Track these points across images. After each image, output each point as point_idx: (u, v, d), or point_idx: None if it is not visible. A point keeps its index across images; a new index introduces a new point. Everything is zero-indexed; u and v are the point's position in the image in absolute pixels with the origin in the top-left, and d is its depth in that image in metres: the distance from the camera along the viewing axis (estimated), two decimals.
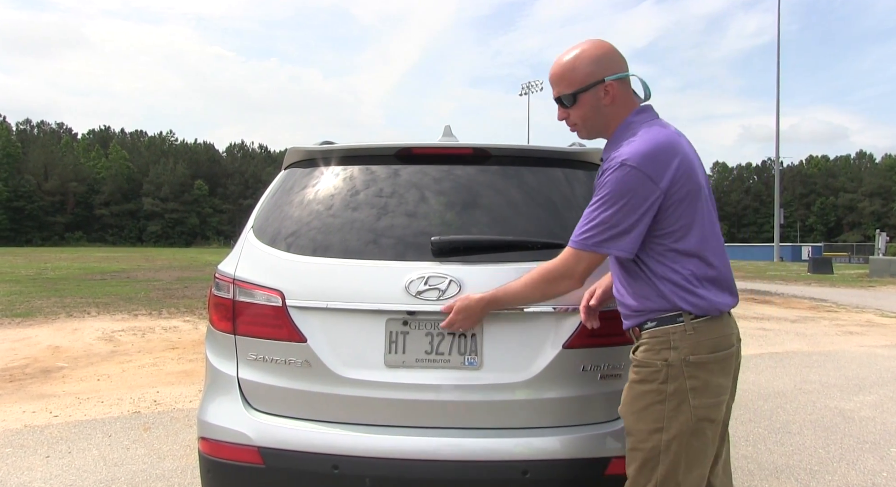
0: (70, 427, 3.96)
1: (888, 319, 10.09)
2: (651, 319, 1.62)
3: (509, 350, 1.83)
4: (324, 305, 1.85)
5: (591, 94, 1.66)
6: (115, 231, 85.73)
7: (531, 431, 1.81)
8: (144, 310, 9.52)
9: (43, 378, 5.37)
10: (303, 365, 1.84)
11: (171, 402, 4.59)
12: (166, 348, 6.72)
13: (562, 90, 1.69)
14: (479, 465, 1.76)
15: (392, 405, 1.81)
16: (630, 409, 1.63)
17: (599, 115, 1.69)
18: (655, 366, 1.59)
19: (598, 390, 1.84)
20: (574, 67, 1.67)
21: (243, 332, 1.92)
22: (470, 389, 1.81)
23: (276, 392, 1.88)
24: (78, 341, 6.99)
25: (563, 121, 1.75)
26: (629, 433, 1.64)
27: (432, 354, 1.84)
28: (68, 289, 12.73)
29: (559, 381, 1.82)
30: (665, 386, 1.57)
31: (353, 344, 1.85)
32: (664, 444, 1.56)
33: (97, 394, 4.80)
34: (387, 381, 1.81)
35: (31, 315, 8.83)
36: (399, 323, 1.85)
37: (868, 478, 3.22)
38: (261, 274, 1.93)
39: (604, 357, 1.84)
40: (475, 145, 2.08)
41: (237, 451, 1.83)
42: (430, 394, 1.82)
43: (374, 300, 1.84)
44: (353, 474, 1.76)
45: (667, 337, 1.59)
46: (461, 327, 1.78)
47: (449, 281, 1.82)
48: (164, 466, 3.27)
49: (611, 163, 1.59)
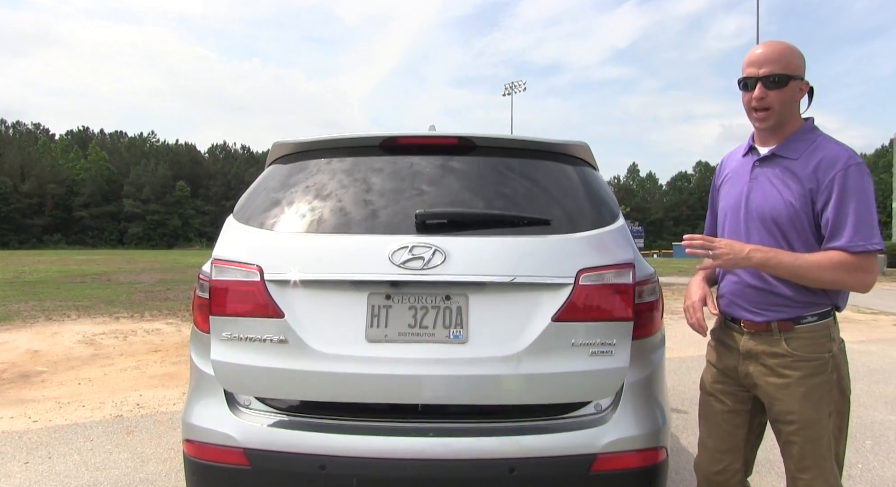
0: (50, 432, 3.90)
1: (864, 315, 10.30)
2: (813, 314, 1.77)
3: (496, 323, 1.81)
4: (303, 277, 1.81)
5: (794, 84, 1.78)
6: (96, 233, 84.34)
7: (518, 429, 1.81)
8: (126, 313, 9.40)
9: (22, 382, 5.28)
10: (279, 342, 1.80)
11: (155, 405, 4.53)
12: (149, 351, 6.64)
13: (776, 70, 1.76)
14: (465, 464, 1.76)
15: (374, 381, 1.77)
16: (805, 403, 1.75)
17: (789, 107, 1.80)
18: (822, 359, 1.76)
19: (588, 367, 1.80)
20: (794, 54, 1.79)
21: (218, 312, 1.88)
22: (455, 363, 1.77)
23: (251, 372, 1.83)
24: (58, 345, 6.88)
25: (758, 100, 1.78)
26: (806, 425, 1.75)
27: (416, 328, 1.81)
28: (47, 292, 12.50)
29: (548, 356, 1.79)
30: (832, 375, 1.76)
31: (333, 319, 1.81)
32: (836, 427, 1.77)
33: (78, 398, 4.73)
34: (368, 356, 1.77)
35: (9, 319, 8.67)
36: (381, 297, 1.82)
37: (845, 470, 3.26)
38: (240, 252, 1.91)
39: (595, 332, 1.81)
40: (460, 135, 2.09)
41: (223, 453, 1.82)
42: (413, 369, 1.77)
43: (356, 270, 1.80)
44: (341, 474, 1.75)
45: (827, 331, 1.78)
46: (725, 256, 1.74)
47: (434, 251, 1.80)
48: (147, 469, 3.23)
49: (843, 163, 1.69)
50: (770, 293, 1.79)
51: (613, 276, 1.85)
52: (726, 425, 1.97)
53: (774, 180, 1.80)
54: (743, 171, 1.91)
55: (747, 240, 1.82)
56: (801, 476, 1.79)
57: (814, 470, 1.76)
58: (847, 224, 1.68)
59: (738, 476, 1.98)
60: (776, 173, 1.80)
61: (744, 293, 1.85)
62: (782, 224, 1.77)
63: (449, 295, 1.84)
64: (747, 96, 1.82)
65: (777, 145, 1.82)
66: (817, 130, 1.82)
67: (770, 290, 1.79)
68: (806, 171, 1.74)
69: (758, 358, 1.83)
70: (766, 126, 1.81)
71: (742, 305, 1.86)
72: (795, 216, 1.75)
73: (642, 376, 1.92)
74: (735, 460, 1.97)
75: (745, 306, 1.85)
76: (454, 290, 1.84)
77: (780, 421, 1.81)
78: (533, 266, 1.82)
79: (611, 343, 1.82)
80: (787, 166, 1.79)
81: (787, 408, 1.77)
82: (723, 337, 1.97)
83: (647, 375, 1.94)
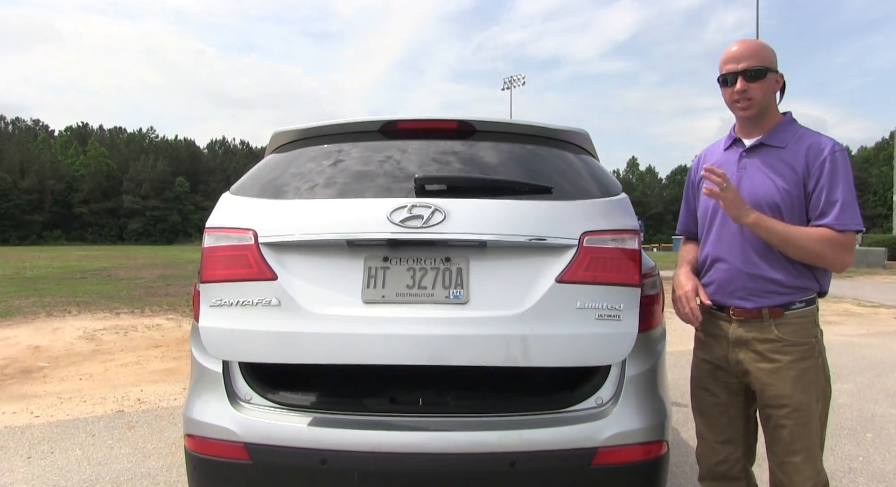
0: (52, 427, 3.91)
1: (865, 308, 10.31)
2: (801, 300, 1.84)
3: (498, 284, 1.77)
4: (298, 238, 1.77)
5: (772, 77, 1.89)
6: (95, 229, 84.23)
7: (518, 422, 1.81)
8: (126, 309, 9.40)
9: (23, 378, 5.29)
10: (272, 304, 1.75)
11: (156, 400, 4.54)
12: (149, 346, 6.65)
13: (752, 63, 1.87)
14: (466, 457, 1.76)
15: (370, 341, 1.71)
16: (796, 386, 1.80)
17: (769, 97, 1.91)
18: (810, 344, 1.84)
19: (594, 330, 1.75)
20: (767, 49, 1.91)
21: (209, 278, 1.83)
22: (455, 323, 1.72)
23: (242, 336, 1.77)
24: (59, 340, 6.89)
25: (740, 93, 1.88)
26: (798, 409, 1.80)
27: (414, 288, 1.76)
28: (48, 288, 12.51)
29: (553, 318, 1.73)
30: (818, 360, 1.84)
31: (328, 281, 1.77)
32: (822, 412, 1.84)
33: (79, 394, 4.74)
34: (364, 316, 1.72)
35: (10, 314, 8.67)
36: (378, 259, 1.78)
37: (845, 463, 3.30)
38: (233, 219, 1.88)
39: (601, 296, 1.76)
40: (460, 119, 2.09)
41: (224, 447, 1.82)
42: (411, 328, 1.71)
43: (353, 230, 1.76)
44: (342, 468, 1.75)
45: (813, 317, 1.86)
46: (731, 198, 1.79)
47: (433, 210, 1.76)
48: (149, 464, 3.24)
49: (830, 149, 1.81)
50: (762, 279, 1.84)
51: (618, 241, 1.81)
52: (723, 417, 2.00)
53: (765, 168, 1.88)
54: (729, 163, 1.98)
55: (737, 227, 1.89)
56: (791, 460, 1.82)
57: (803, 454, 1.80)
58: (836, 204, 1.78)
59: (741, 463, 2.02)
60: (766, 162, 1.89)
61: (735, 280, 1.89)
62: (777, 208, 1.84)
63: (449, 257, 1.80)
64: (728, 91, 1.92)
65: (764, 135, 1.91)
66: (797, 122, 1.94)
67: (762, 276, 1.84)
68: (796, 158, 1.84)
69: (748, 344, 1.87)
70: (750, 114, 1.90)
71: (732, 292, 1.90)
72: (790, 201, 1.83)
73: (643, 369, 1.92)
74: (735, 449, 2.00)
75: (735, 293, 1.89)
76: (454, 253, 1.80)
77: (770, 406, 1.84)
78: (535, 227, 1.78)
79: (617, 307, 1.76)
80: (777, 155, 1.88)
81: (778, 392, 1.81)
82: (710, 328, 2.00)
83: (648, 368, 1.94)
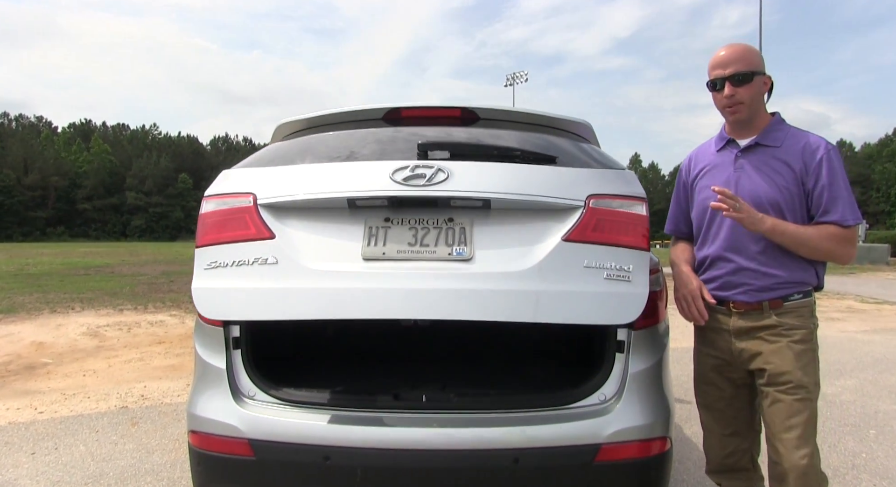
0: (56, 423, 3.92)
1: (868, 305, 10.28)
2: (798, 292, 1.89)
3: (503, 243, 1.73)
4: (299, 198, 1.74)
5: (759, 80, 1.93)
6: (98, 226, 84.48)
7: (522, 419, 1.81)
8: (130, 305, 9.42)
9: (27, 374, 5.30)
10: (269, 262, 1.71)
11: (159, 397, 4.55)
12: (153, 342, 6.67)
13: (740, 68, 1.91)
14: (469, 454, 1.76)
15: (370, 295, 1.66)
16: (797, 364, 1.85)
17: (757, 100, 1.95)
18: (808, 329, 1.90)
19: (603, 288, 1.70)
20: (753, 53, 1.94)
21: (204, 243, 1.79)
22: (459, 278, 1.67)
23: (237, 294, 1.71)
24: (62, 337, 6.91)
25: (728, 97, 1.92)
26: (800, 385, 1.84)
27: (416, 246, 1.72)
28: (51, 285, 12.54)
29: (560, 274, 1.68)
30: (814, 346, 1.91)
31: (328, 241, 1.74)
32: (816, 394, 1.89)
33: (83, 390, 4.75)
34: (364, 272, 1.68)
35: (14, 311, 8.70)
36: (380, 219, 1.74)
37: (848, 459, 3.30)
38: (232, 186, 1.86)
39: (609, 256, 1.72)
40: (463, 106, 2.10)
41: (228, 444, 1.83)
42: (412, 283, 1.66)
43: (355, 188, 1.73)
44: (345, 465, 1.75)
45: (810, 307, 1.92)
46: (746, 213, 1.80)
47: (436, 170, 1.74)
48: (153, 460, 3.25)
49: (825, 148, 1.87)
50: (765, 275, 1.89)
51: (625, 206, 1.80)
52: (729, 410, 2.05)
53: (763, 167, 1.92)
54: (723, 163, 2.01)
55: (736, 226, 1.93)
56: (787, 436, 1.83)
57: (800, 429, 1.82)
58: (839, 201, 1.85)
59: (748, 455, 2.07)
60: (763, 161, 1.93)
61: (740, 277, 1.93)
62: (778, 206, 1.89)
63: (452, 217, 1.76)
64: (718, 96, 1.96)
65: (757, 135, 1.96)
66: (785, 122, 1.99)
67: (765, 272, 1.89)
68: (792, 156, 1.89)
69: (749, 332, 1.92)
70: (740, 118, 1.95)
71: (736, 288, 1.94)
72: (791, 198, 1.88)
73: (646, 366, 1.92)
74: (743, 441, 2.05)
75: (739, 289, 1.93)
76: (458, 214, 1.77)
77: (771, 384, 1.87)
78: (540, 188, 1.77)
79: (626, 269, 1.72)
80: (773, 154, 1.92)
81: (780, 370, 1.86)
82: (710, 323, 2.04)
83: (652, 365, 1.94)
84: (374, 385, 2.10)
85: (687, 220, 2.16)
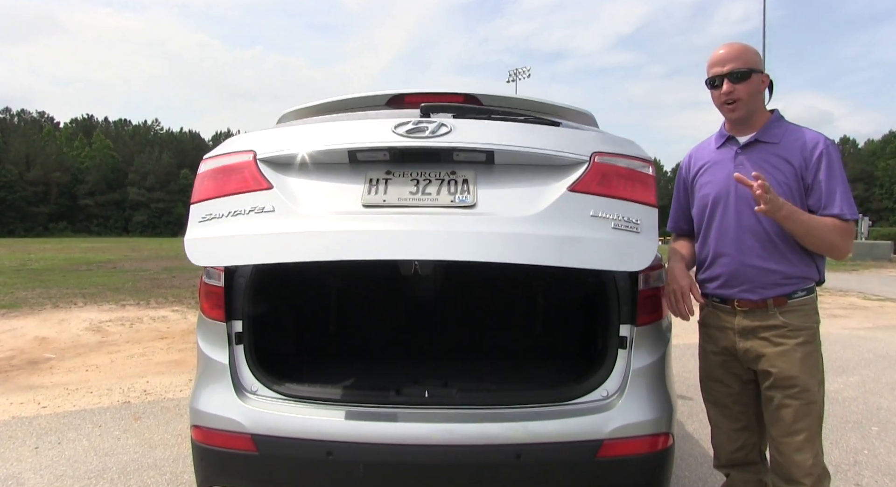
0: (59, 417, 3.93)
1: (871, 302, 10.26)
2: (801, 289, 1.90)
3: (507, 191, 1.71)
4: (299, 151, 1.73)
5: (756, 77, 1.94)
6: (101, 221, 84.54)
7: (524, 414, 1.81)
8: (132, 300, 9.44)
9: (30, 369, 5.32)
10: (266, 210, 1.68)
11: (161, 392, 4.57)
12: (155, 338, 6.68)
13: (737, 66, 1.92)
14: (471, 449, 1.76)
15: (369, 236, 1.62)
16: (803, 368, 1.85)
17: (756, 97, 1.96)
18: (812, 328, 1.90)
19: (611, 236, 1.64)
20: (751, 51, 1.96)
21: (199, 198, 1.77)
22: (462, 222, 1.64)
23: (230, 240, 1.66)
24: (65, 332, 6.93)
25: (727, 94, 1.94)
26: (805, 389, 1.84)
27: (418, 194, 1.70)
28: (53, 280, 12.57)
29: (566, 220, 1.64)
30: (818, 345, 1.91)
31: (327, 192, 1.72)
32: (822, 394, 1.89)
33: (86, 385, 4.77)
34: (364, 215, 1.66)
35: (16, 306, 8.73)
36: (381, 172, 1.72)
37: (851, 456, 3.30)
38: (231, 146, 1.84)
39: (617, 208, 1.68)
40: (466, 93, 2.13)
41: (230, 439, 1.83)
42: (414, 224, 1.63)
43: (357, 140, 1.72)
44: (347, 460, 1.76)
45: (813, 305, 1.93)
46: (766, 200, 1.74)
47: (439, 124, 1.74)
48: (155, 455, 3.26)
49: (823, 143, 1.88)
50: (766, 270, 1.90)
51: (632, 164, 1.76)
52: (736, 405, 2.05)
53: (763, 164, 1.92)
54: (723, 160, 2.02)
55: (738, 222, 1.94)
56: (791, 440, 1.84)
57: (804, 434, 1.83)
58: (838, 195, 1.86)
59: (757, 448, 2.07)
60: (763, 157, 1.94)
61: (743, 273, 1.93)
62: None
63: (455, 170, 1.74)
64: (716, 93, 1.97)
65: (757, 132, 1.97)
66: (784, 118, 2.01)
67: (766, 268, 1.90)
68: (791, 152, 1.91)
69: (754, 332, 1.92)
70: (738, 115, 1.96)
71: (738, 285, 1.94)
72: (790, 193, 1.88)
73: (649, 362, 1.92)
74: (751, 435, 2.05)
75: (743, 286, 1.93)
76: (460, 167, 1.74)
77: (776, 387, 1.87)
78: (545, 142, 1.76)
79: (634, 221, 1.67)
80: (772, 150, 1.93)
81: (786, 374, 1.85)
82: (714, 321, 2.04)
83: (654, 361, 1.94)
84: (376, 380, 2.11)
85: (687, 218, 2.17)
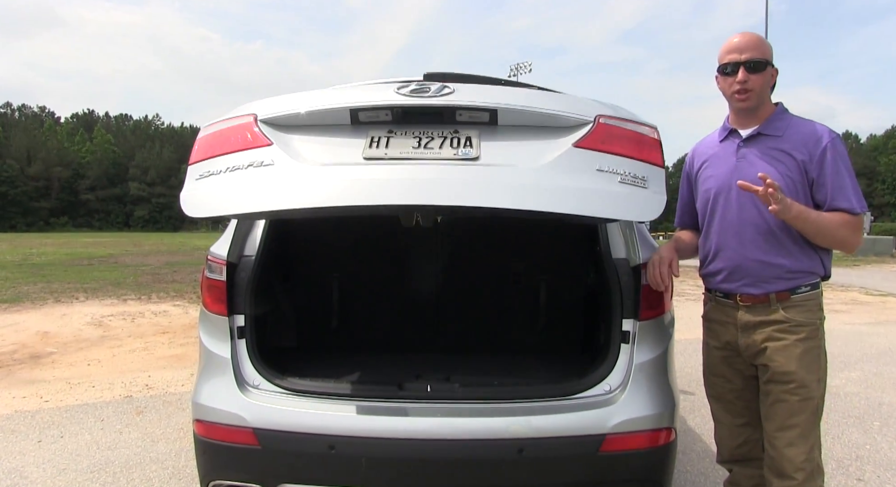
0: (61, 411, 3.94)
1: (872, 297, 10.26)
2: (806, 284, 1.88)
3: (511, 146, 1.69)
4: (300, 111, 1.72)
5: (770, 70, 1.94)
6: (102, 216, 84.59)
7: (526, 409, 1.81)
8: (134, 295, 9.46)
9: (32, 363, 5.33)
10: (265, 164, 1.65)
11: (163, 386, 4.58)
12: (157, 332, 6.70)
13: (756, 56, 1.92)
14: (474, 444, 1.76)
15: (370, 184, 1.58)
16: (801, 364, 1.84)
17: (765, 90, 1.96)
18: (815, 325, 1.88)
19: (619, 189, 1.61)
20: (766, 42, 1.97)
21: (197, 159, 1.74)
22: (465, 171, 1.61)
23: (228, 191, 1.63)
24: (67, 326, 6.94)
25: (741, 83, 1.91)
26: (802, 385, 1.83)
27: (420, 149, 1.67)
28: (55, 275, 12.59)
29: (572, 172, 1.62)
30: (821, 341, 1.89)
31: (328, 146, 1.70)
32: (822, 391, 1.87)
33: (88, 379, 4.78)
34: (364, 164, 1.63)
35: (19, 300, 8.74)
36: (383, 131, 1.70)
37: (852, 451, 3.30)
38: (233, 113, 1.83)
39: (623, 165, 1.65)
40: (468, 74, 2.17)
41: (233, 433, 1.83)
42: (416, 173, 1.59)
43: (357, 100, 1.72)
44: (349, 454, 1.76)
45: (817, 300, 1.91)
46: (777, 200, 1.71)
47: (442, 85, 1.75)
48: (157, 449, 3.27)
49: (828, 136, 1.87)
50: (769, 264, 1.88)
51: (637, 128, 1.75)
52: (739, 401, 2.04)
53: (765, 156, 1.91)
54: (726, 154, 2.01)
55: (739, 215, 1.92)
56: (784, 434, 1.83)
57: (799, 429, 1.83)
58: (846, 189, 1.85)
59: (760, 443, 2.05)
60: (765, 150, 1.92)
61: (745, 267, 1.92)
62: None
63: (457, 129, 1.72)
64: (729, 81, 1.95)
65: (760, 125, 1.95)
66: (788, 111, 1.99)
67: (768, 262, 1.88)
68: (794, 145, 1.89)
69: (756, 327, 1.91)
70: (747, 105, 1.94)
71: (741, 279, 1.93)
72: (794, 187, 1.86)
73: (652, 357, 1.92)
74: (754, 431, 2.04)
75: (745, 280, 1.92)
76: (463, 127, 1.72)
77: (774, 382, 1.87)
78: (548, 103, 1.76)
79: (641, 177, 1.64)
80: (774, 143, 1.92)
81: (783, 369, 1.85)
82: (717, 316, 2.03)
83: (657, 356, 1.94)
84: (379, 375, 2.11)
85: (693, 214, 2.16)
